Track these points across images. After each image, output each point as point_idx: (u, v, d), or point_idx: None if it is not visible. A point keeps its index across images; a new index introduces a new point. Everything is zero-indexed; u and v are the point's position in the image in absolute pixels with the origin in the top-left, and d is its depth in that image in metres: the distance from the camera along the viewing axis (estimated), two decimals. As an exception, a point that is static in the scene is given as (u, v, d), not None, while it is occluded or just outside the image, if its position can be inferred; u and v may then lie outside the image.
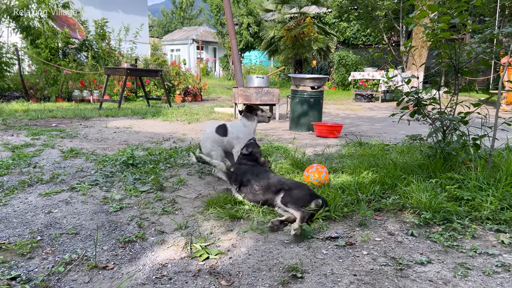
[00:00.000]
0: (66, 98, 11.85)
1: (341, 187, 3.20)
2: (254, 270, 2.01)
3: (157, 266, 2.04)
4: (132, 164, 4.03)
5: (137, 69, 11.03)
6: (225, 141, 3.89)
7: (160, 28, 52.69)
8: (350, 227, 2.59)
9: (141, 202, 2.99)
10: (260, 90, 8.63)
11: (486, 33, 3.43)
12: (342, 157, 4.42)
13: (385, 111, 11.33)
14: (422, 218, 2.63)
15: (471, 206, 2.77)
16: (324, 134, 6.37)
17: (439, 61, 3.64)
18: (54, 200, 3.01)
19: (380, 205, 2.90)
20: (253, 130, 4.01)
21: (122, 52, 14.80)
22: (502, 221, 2.59)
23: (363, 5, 16.13)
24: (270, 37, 20.23)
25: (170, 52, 34.84)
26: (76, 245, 2.26)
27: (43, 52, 12.21)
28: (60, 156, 4.47)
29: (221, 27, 27.26)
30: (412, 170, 3.43)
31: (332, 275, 1.97)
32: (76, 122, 7.50)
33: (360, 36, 22.24)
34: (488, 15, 13.68)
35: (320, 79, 7.12)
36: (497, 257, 2.17)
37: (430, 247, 2.30)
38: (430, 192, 2.88)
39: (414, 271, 2.01)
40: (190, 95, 13.67)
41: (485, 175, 3.04)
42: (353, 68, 19.56)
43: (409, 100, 3.62)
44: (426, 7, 3.31)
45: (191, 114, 8.90)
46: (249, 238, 2.40)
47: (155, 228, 2.52)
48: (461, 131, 3.50)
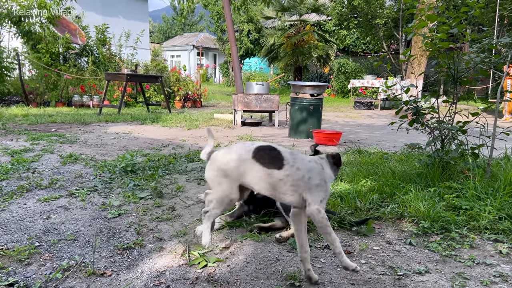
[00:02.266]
0: (66, 103, 11.86)
1: (340, 195, 3.20)
2: (252, 278, 2.01)
3: (155, 273, 2.04)
4: (131, 170, 4.03)
5: (137, 74, 11.06)
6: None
7: (160, 34, 52.91)
8: (348, 236, 2.59)
9: (139, 209, 2.99)
10: (260, 97, 8.66)
11: (485, 42, 3.46)
12: (341, 165, 4.42)
13: (384, 119, 11.36)
14: (420, 227, 2.63)
15: (469, 215, 2.77)
16: (323, 142, 6.38)
17: (437, 70, 3.67)
18: (52, 206, 3.00)
19: (378, 213, 2.90)
20: None
21: (123, 58, 14.84)
22: (500, 231, 2.60)
23: (363, 14, 16.24)
24: (270, 44, 20.32)
25: (170, 58, 34.94)
26: (74, 252, 2.26)
27: (43, 57, 12.25)
28: (59, 161, 4.48)
29: (221, 33, 27.39)
30: (410, 179, 3.44)
31: (330, 284, 1.97)
32: (76, 127, 7.50)
33: (360, 44, 22.35)
34: (487, 24, 13.77)
35: (320, 87, 7.15)
36: (495, 267, 2.17)
37: (428, 257, 2.30)
38: (428, 201, 2.88)
39: (412, 281, 2.01)
40: (190, 101, 13.69)
41: (483, 185, 3.05)
42: (352, 75, 19.63)
43: (408, 109, 3.64)
44: (425, 17, 3.34)
45: (190, 120, 8.92)
46: (247, 245, 2.40)
47: (154, 235, 2.51)
48: (459, 140, 3.51)
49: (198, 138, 6.62)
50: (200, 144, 6.02)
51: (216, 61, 35.25)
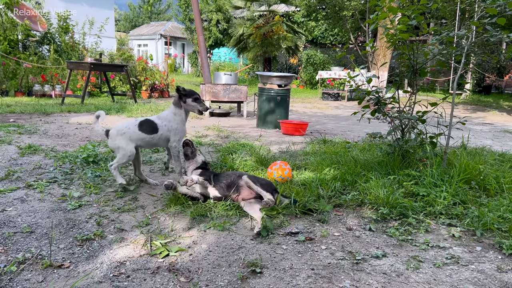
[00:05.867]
0: (26, 93, 11.38)
1: (303, 183, 3.25)
2: (214, 266, 2.02)
3: (115, 264, 2.01)
4: (93, 161, 3.93)
5: (102, 64, 10.73)
6: (156, 138, 3.29)
7: (127, 22, 51.51)
8: (310, 223, 2.64)
9: (101, 200, 2.93)
10: (228, 88, 8.61)
11: (443, 35, 3.57)
12: (306, 155, 4.48)
13: (350, 110, 11.56)
14: (380, 214, 2.71)
15: (426, 201, 2.88)
16: (290, 132, 6.44)
17: (399, 62, 3.76)
18: (8, 198, 2.90)
19: (340, 201, 2.97)
20: (183, 119, 3.40)
21: (87, 46, 14.36)
22: (454, 216, 2.71)
23: (330, 5, 16.36)
24: (239, 35, 20.19)
25: (137, 47, 34.14)
26: (30, 244, 2.19)
27: (1, 44, 11.67)
28: (17, 152, 4.31)
29: (189, 22, 26.94)
30: (371, 167, 3.53)
31: (291, 269, 2.00)
32: (36, 118, 7.23)
33: (328, 35, 22.56)
34: (448, 17, 14.18)
35: (287, 77, 7.18)
36: (447, 250, 2.27)
37: (386, 241, 2.38)
38: (388, 188, 2.97)
39: (369, 265, 2.07)
40: (157, 91, 13.44)
41: (440, 172, 3.17)
42: (320, 67, 19.82)
43: (370, 99, 3.72)
44: (387, 8, 3.41)
45: (157, 111, 8.76)
46: (210, 234, 2.40)
47: (115, 226, 2.47)
48: (419, 130, 3.63)
49: (165, 129, 6.52)
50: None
51: (185, 51, 34.71)
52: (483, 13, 3.47)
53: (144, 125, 3.24)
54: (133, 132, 3.19)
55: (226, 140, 5.54)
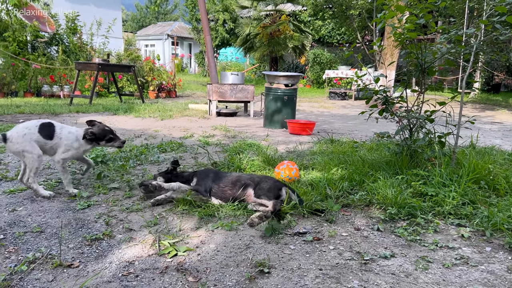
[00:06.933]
0: (35, 94, 11.50)
1: (311, 183, 3.24)
2: (222, 266, 2.02)
3: (124, 263, 2.03)
4: (102, 161, 3.96)
5: (109, 64, 10.81)
6: (49, 145, 3.02)
7: (134, 23, 51.76)
8: (318, 223, 2.63)
9: (109, 200, 2.95)
10: (235, 87, 8.62)
11: (452, 33, 3.54)
12: (313, 154, 4.48)
13: (357, 109, 11.52)
14: (388, 214, 2.70)
15: (434, 201, 2.86)
16: (297, 131, 6.43)
17: (407, 61, 3.74)
18: (18, 198, 2.93)
19: (348, 201, 2.96)
20: (86, 151, 3.21)
21: (94, 47, 14.47)
22: (463, 216, 2.69)
23: (337, 4, 16.30)
24: (246, 34, 20.19)
25: (144, 47, 34.28)
26: (40, 244, 2.21)
27: (10, 45, 11.81)
28: (27, 152, 4.34)
29: (196, 23, 26.99)
30: (379, 167, 3.51)
31: (299, 269, 2.00)
32: (45, 118, 7.30)
33: (335, 34, 22.48)
34: (457, 16, 14.07)
35: (294, 77, 7.17)
36: (456, 250, 2.25)
37: (394, 242, 2.37)
38: (396, 188, 2.96)
39: (378, 265, 2.07)
40: (164, 91, 13.50)
41: (448, 172, 3.15)
42: (327, 66, 19.77)
43: (378, 99, 3.71)
44: (394, 7, 3.39)
45: (164, 111, 8.80)
46: (218, 234, 2.41)
47: (123, 226, 2.49)
48: (427, 129, 3.61)
49: (172, 129, 6.55)
50: (173, 134, 5.96)
51: (192, 50, 34.80)
52: (492, 11, 3.44)
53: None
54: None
55: (233, 140, 5.55)
